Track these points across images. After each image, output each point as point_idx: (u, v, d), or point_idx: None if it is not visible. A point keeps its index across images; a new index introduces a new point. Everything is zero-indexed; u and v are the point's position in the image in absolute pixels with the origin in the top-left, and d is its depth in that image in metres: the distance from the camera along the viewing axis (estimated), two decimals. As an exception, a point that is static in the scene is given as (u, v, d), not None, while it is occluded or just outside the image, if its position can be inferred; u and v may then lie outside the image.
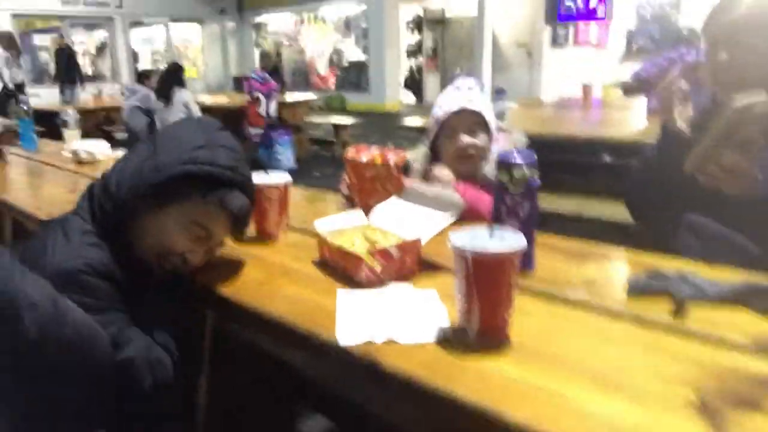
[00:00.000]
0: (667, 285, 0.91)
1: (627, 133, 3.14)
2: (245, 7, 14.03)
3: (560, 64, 10.47)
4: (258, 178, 1.32)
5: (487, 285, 0.80)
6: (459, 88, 1.56)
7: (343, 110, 11.90)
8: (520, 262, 0.82)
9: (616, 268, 1.16)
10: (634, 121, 3.60)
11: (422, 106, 12.74)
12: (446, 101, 1.54)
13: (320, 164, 6.79)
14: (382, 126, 8.76)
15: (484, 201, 1.36)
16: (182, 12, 13.29)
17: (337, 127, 7.32)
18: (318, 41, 13.39)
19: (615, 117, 4.09)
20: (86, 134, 6.37)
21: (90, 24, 12.79)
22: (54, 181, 2.32)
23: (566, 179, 3.00)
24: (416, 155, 1.64)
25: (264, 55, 8.54)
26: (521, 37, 11.23)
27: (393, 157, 1.29)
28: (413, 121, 4.14)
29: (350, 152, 1.40)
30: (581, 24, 10.85)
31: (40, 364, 0.81)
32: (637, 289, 0.95)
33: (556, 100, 4.72)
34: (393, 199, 1.25)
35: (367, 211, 1.31)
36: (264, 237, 1.34)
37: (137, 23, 13.06)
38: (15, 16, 10.86)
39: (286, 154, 6.17)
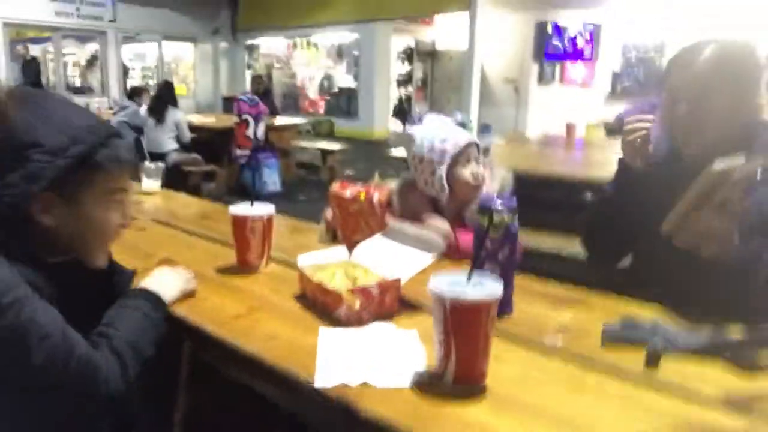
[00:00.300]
0: (641, 335, 0.93)
1: (608, 174, 3.18)
2: (239, 28, 14.14)
3: (546, 102, 10.67)
4: (242, 208, 1.33)
5: (465, 332, 0.80)
6: (447, 123, 1.63)
7: (331, 135, 11.97)
8: (497, 308, 0.83)
9: (592, 314, 1.17)
10: (615, 161, 3.66)
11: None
12: (450, 134, 1.59)
13: (306, 188, 6.79)
14: (369, 153, 8.82)
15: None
16: (176, 30, 13.35)
17: (324, 153, 7.35)
18: (309, 66, 13.52)
19: (597, 157, 4.17)
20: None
21: (82, 36, 12.78)
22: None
23: (548, 216, 3.03)
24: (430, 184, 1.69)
25: (256, 78, 8.56)
26: (509, 73, 11.45)
27: (377, 193, 1.30)
28: (400, 151, 4.18)
29: (335, 187, 1.41)
30: (568, 63, 11.11)
31: (41, 385, 0.83)
32: (612, 338, 0.96)
33: (541, 138, 4.81)
34: (376, 237, 1.26)
35: (350, 245, 1.32)
36: (245, 268, 1.34)
37: (130, 38, 13.09)
38: (6, 24, 10.81)
39: (272, 177, 6.17)
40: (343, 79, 12.83)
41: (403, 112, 13.35)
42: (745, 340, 0.86)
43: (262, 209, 1.34)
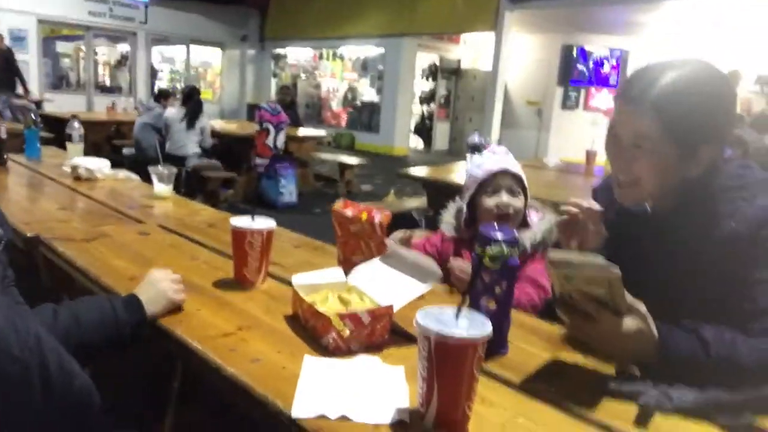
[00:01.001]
0: (635, 389, 0.89)
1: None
2: (267, 37, 14.32)
3: (569, 127, 10.61)
4: (242, 221, 1.32)
5: (449, 372, 0.77)
6: (495, 152, 1.65)
7: (351, 149, 12.00)
8: (489, 347, 0.80)
9: (590, 360, 1.12)
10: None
11: (430, 152, 12.86)
12: (485, 162, 1.61)
13: (322, 201, 6.80)
14: (388, 169, 8.83)
15: (525, 296, 1.44)
16: (205, 35, 13.57)
17: (342, 166, 7.36)
18: (334, 78, 13.62)
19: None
20: (95, 146, 6.46)
21: (113, 36, 13.05)
22: (49, 195, 2.32)
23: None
24: (449, 212, 1.73)
25: (283, 89, 8.62)
26: (533, 96, 11.42)
27: (378, 215, 1.28)
28: (418, 170, 4.16)
29: (338, 204, 1.39)
30: (593, 89, 11.05)
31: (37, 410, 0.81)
32: (606, 391, 0.92)
33: (560, 164, 4.75)
34: (374, 261, 1.23)
35: (348, 265, 1.30)
36: (241, 283, 1.33)
37: (160, 41, 13.33)
38: (40, 21, 11.09)
39: (288, 187, 6.19)
40: (367, 93, 12.90)
41: (424, 129, 13.37)
42: (741, 401, 0.82)
43: (263, 223, 1.32)
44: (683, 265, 1.08)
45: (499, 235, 1.03)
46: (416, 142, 13.27)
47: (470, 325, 0.79)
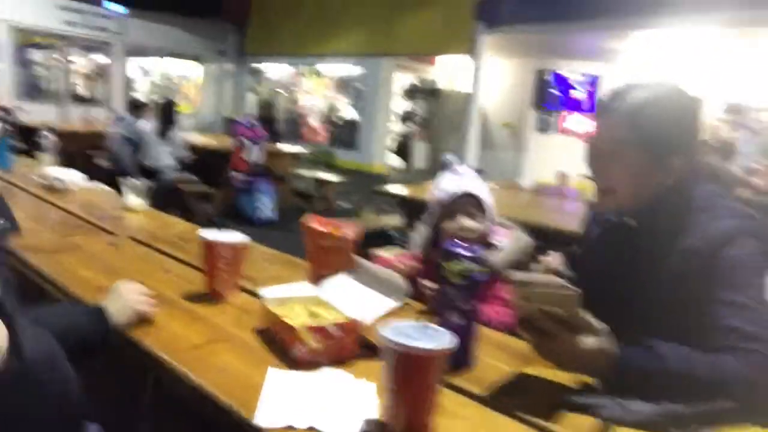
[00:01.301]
0: (594, 403, 0.92)
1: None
2: (246, 52, 14.34)
3: (544, 150, 10.78)
4: (213, 234, 1.32)
5: (412, 383, 0.79)
6: (459, 174, 1.62)
7: (330, 166, 12.00)
8: (454, 361, 0.82)
9: (555, 378, 1.14)
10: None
11: (409, 171, 12.95)
12: (448, 185, 1.59)
13: (300, 217, 6.77)
14: (367, 187, 8.87)
15: (483, 316, 1.42)
16: (183, 48, 13.51)
17: (321, 182, 7.37)
18: (313, 95, 13.68)
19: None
20: (70, 157, 6.33)
21: (90, 46, 12.91)
22: (20, 206, 2.27)
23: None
24: (419, 233, 1.71)
25: (263, 104, 8.63)
26: (509, 118, 11.61)
27: (348, 231, 1.31)
28: (396, 188, 4.20)
29: (309, 219, 1.41)
30: (566, 113, 11.28)
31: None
32: (567, 404, 0.95)
33: (534, 186, 4.84)
34: (343, 275, 1.25)
35: (317, 279, 1.31)
36: (212, 296, 1.33)
37: (137, 52, 13.24)
38: (13, 29, 10.92)
39: (266, 203, 6.17)
40: (347, 111, 12.98)
41: (403, 148, 13.47)
42: (694, 414, 0.85)
43: (234, 237, 1.33)
44: (647, 274, 1.15)
45: (463, 251, 1.06)
46: (396, 161, 13.36)
47: (433, 338, 0.81)
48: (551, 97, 11.17)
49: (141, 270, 1.51)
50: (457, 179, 1.61)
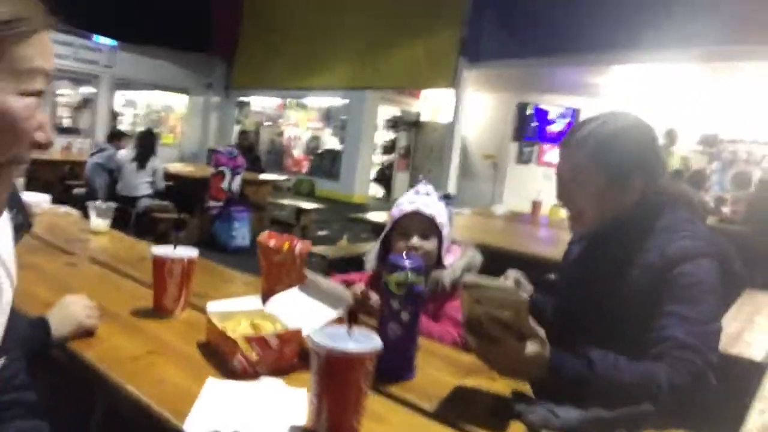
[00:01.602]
0: (523, 409, 0.93)
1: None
2: (233, 85, 14.50)
3: (522, 180, 10.94)
4: (163, 250, 1.33)
5: (337, 385, 0.80)
6: (418, 192, 1.63)
7: (311, 195, 12.06)
8: (394, 371, 0.83)
9: (493, 386, 1.15)
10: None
11: (389, 201, 13.02)
12: (404, 202, 1.60)
13: (276, 245, 6.76)
14: (345, 216, 8.91)
15: (434, 331, 1.45)
16: (170, 81, 13.64)
17: (300, 211, 7.38)
18: (298, 126, 13.81)
19: (560, 236, 4.24)
20: (47, 185, 6.32)
21: (77, 79, 12.96)
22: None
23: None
24: (373, 250, 1.69)
25: (242, 134, 8.68)
26: (489, 150, 11.79)
27: (299, 245, 1.32)
28: (376, 216, 4.21)
29: (263, 236, 1.42)
30: (545, 146, 11.49)
31: None
32: (498, 411, 0.96)
33: (507, 213, 4.89)
34: (292, 290, 1.26)
35: (270, 295, 1.31)
36: (160, 312, 1.32)
37: (124, 85, 13.32)
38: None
39: (241, 231, 6.16)
40: (330, 141, 13.10)
41: (385, 178, 13.58)
42: (618, 418, 0.87)
43: (185, 252, 1.34)
44: (608, 289, 1.20)
45: (404, 263, 1.08)
46: (376, 191, 13.44)
47: (360, 341, 0.82)
48: (531, 130, 11.40)
49: (93, 288, 1.50)
50: (414, 198, 1.62)
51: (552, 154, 11.45)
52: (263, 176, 7.62)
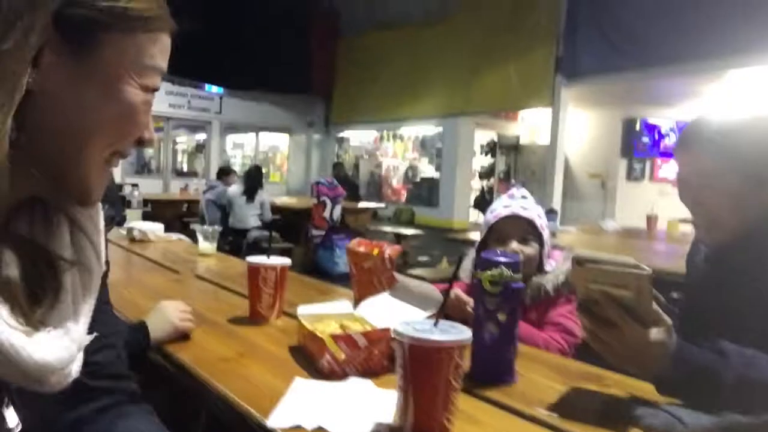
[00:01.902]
0: (645, 414, 0.81)
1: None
2: (332, 121, 15.06)
3: (634, 199, 10.29)
4: (255, 259, 1.34)
5: (423, 379, 0.74)
6: (513, 196, 1.56)
7: (411, 223, 12.09)
8: (492, 374, 0.76)
9: (600, 390, 1.02)
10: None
11: (491, 226, 12.76)
12: (498, 207, 1.54)
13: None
14: (446, 242, 8.82)
15: (539, 338, 1.36)
16: (274, 122, 14.44)
17: (399, 237, 7.40)
18: (395, 157, 14.02)
19: (677, 250, 3.89)
20: (168, 223, 6.85)
21: (192, 126, 14.10)
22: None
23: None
24: (468, 259, 1.61)
25: (336, 165, 8.98)
26: (595, 169, 11.25)
27: (389, 250, 1.28)
28: (475, 235, 4.11)
29: (353, 243, 1.40)
30: (658, 161, 10.78)
31: None
32: (611, 416, 0.84)
33: (618, 230, 4.57)
34: (383, 294, 1.22)
35: (361, 302, 1.28)
36: (255, 319, 1.33)
37: (232, 129, 14.28)
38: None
39: (344, 257, 6.26)
40: (426, 170, 13.14)
41: (485, 203, 13.36)
42: (757, 425, 0.72)
43: (277, 260, 1.35)
44: (745, 291, 1.03)
45: (498, 258, 1.00)
46: (477, 216, 13.24)
47: (447, 333, 0.76)
48: (642, 145, 10.74)
49: (194, 298, 1.55)
50: (509, 201, 1.55)
51: (668, 169, 10.71)
52: (362, 204, 7.77)
